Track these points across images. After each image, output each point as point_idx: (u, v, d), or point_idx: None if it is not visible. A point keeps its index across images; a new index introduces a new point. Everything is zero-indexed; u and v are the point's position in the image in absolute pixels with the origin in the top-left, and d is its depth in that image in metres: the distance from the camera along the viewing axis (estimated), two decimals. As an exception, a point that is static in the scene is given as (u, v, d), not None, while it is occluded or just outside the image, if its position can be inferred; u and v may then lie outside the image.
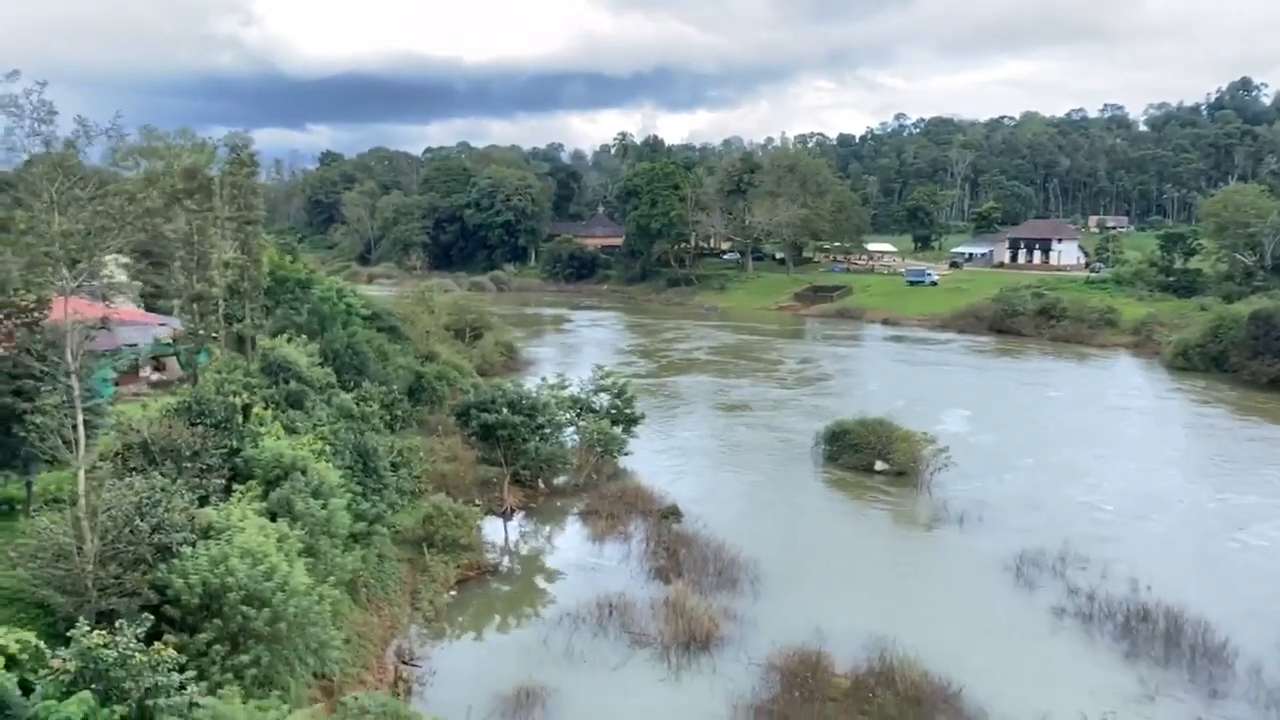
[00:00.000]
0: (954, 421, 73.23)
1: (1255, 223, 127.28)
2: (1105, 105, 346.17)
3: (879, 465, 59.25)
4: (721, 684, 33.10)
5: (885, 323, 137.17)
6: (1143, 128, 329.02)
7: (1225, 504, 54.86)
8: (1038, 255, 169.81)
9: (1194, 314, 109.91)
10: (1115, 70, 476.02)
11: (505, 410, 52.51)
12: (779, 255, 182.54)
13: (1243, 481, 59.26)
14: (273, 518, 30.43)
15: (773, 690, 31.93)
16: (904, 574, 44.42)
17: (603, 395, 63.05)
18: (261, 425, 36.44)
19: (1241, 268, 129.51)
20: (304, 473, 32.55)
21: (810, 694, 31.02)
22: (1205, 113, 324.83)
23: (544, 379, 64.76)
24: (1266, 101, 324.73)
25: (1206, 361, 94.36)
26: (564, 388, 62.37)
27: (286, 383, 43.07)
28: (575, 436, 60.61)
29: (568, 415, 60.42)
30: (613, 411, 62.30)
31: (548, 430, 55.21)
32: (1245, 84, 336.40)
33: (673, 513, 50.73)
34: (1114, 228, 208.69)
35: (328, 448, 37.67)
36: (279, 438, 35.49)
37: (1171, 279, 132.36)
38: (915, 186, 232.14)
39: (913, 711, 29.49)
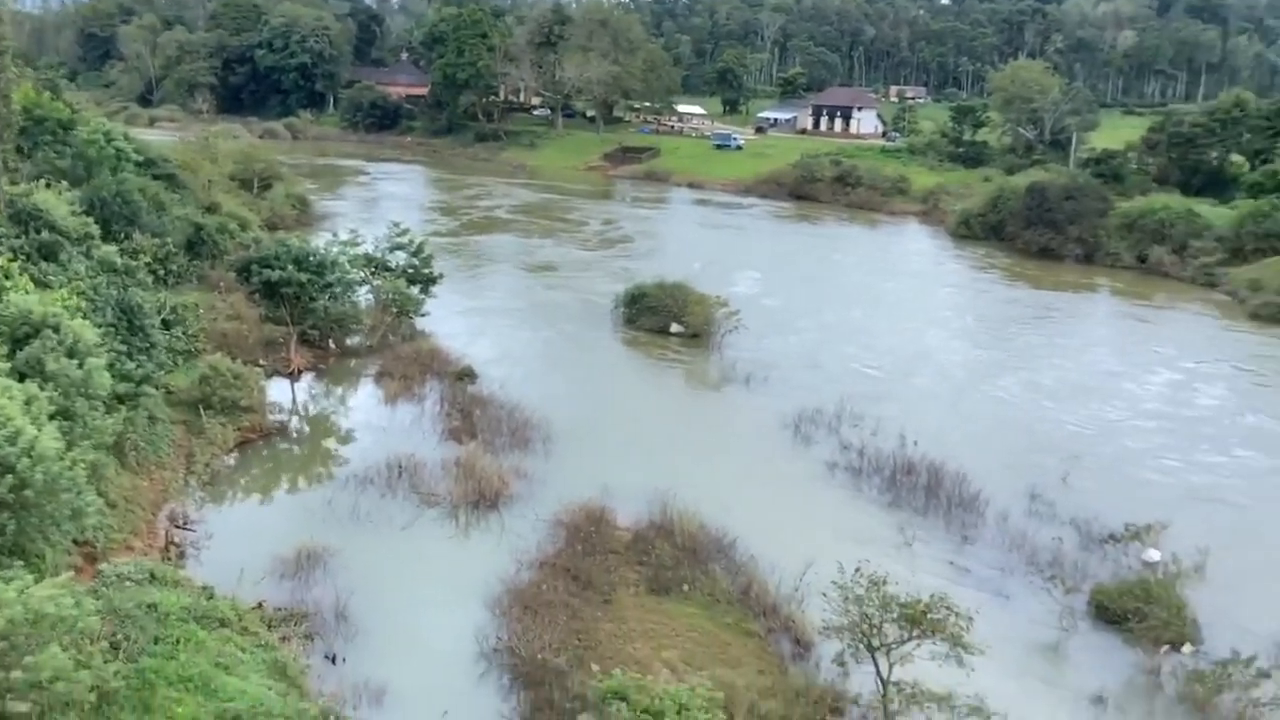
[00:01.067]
0: (748, 284, 75.15)
1: (1038, 98, 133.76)
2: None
3: (674, 327, 60.36)
4: (509, 540, 33.54)
5: (691, 186, 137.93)
6: (945, 0, 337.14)
7: (985, 360, 58.93)
8: (839, 123, 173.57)
9: (978, 185, 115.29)
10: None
11: (290, 267, 50.09)
12: (589, 114, 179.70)
13: (1002, 340, 63.65)
14: (21, 378, 28.15)
15: (558, 545, 32.57)
16: (691, 432, 45.77)
17: (399, 254, 61.16)
18: (7, 279, 33.42)
19: (1023, 141, 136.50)
20: (56, 330, 30.11)
21: (593, 547, 31.82)
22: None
23: (335, 235, 62.18)
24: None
25: (986, 230, 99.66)
26: (357, 245, 60.08)
27: (38, 232, 39.53)
28: (369, 296, 58.86)
29: (361, 274, 58.37)
30: (409, 270, 60.63)
31: (338, 289, 53.16)
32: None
33: (468, 374, 50.35)
34: (912, 98, 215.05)
35: (85, 304, 35.00)
36: (28, 292, 32.67)
37: (961, 150, 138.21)
38: (726, 48, 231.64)
39: (688, 561, 30.70)
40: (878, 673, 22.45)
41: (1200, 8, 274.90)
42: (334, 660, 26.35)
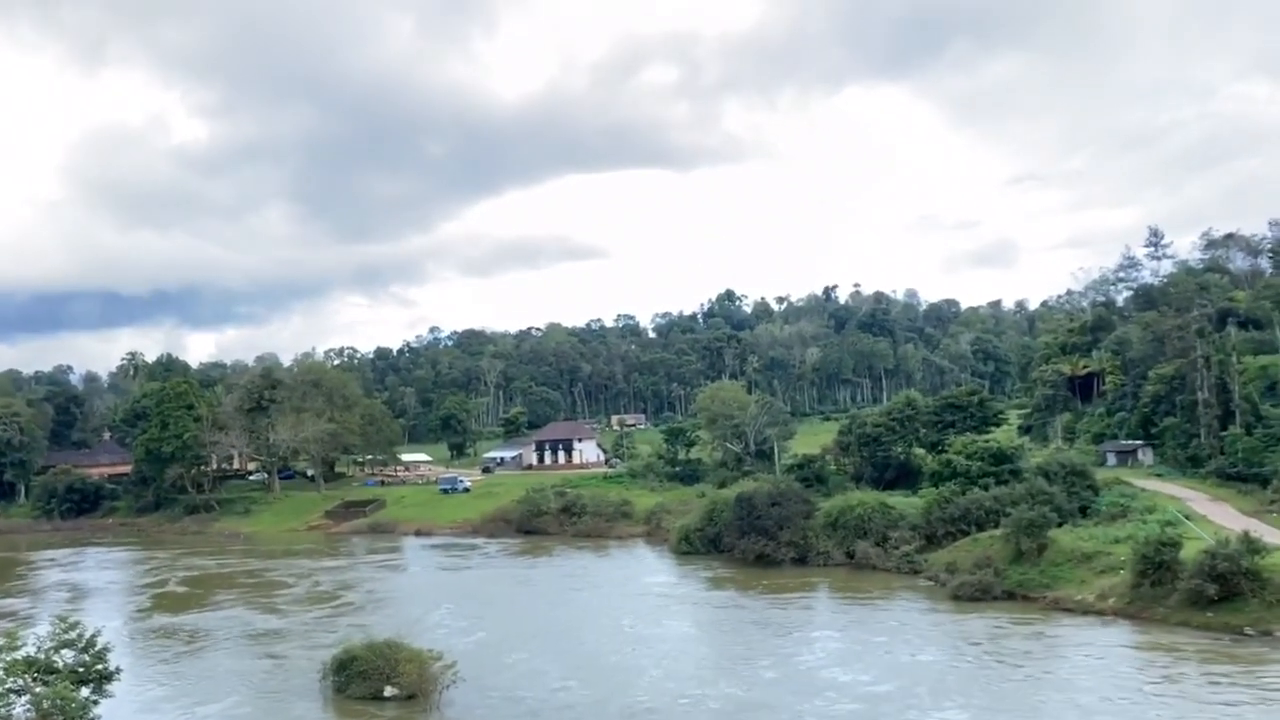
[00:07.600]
0: (472, 628, 72.22)
1: (738, 414, 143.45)
2: (619, 315, 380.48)
3: (388, 690, 56.12)
4: None
5: (418, 533, 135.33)
6: (651, 334, 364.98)
7: (738, 693, 57.90)
8: (562, 455, 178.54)
9: (695, 500, 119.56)
10: (625, 284, 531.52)
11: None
12: (310, 472, 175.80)
13: (732, 654, 63.38)
14: None
15: None
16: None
17: (65, 651, 54.50)
18: None
19: (732, 455, 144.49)
20: None
21: None
22: (700, 320, 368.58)
23: (-11, 641, 54.89)
24: (747, 310, 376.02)
25: (705, 543, 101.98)
26: (16, 648, 53.15)
27: None
28: (28, 709, 51.45)
29: (20, 681, 51.24)
30: (79, 670, 53.90)
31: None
32: (730, 295, 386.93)
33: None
34: (633, 424, 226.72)
35: None
36: None
37: (677, 469, 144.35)
38: (448, 396, 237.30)
39: None
40: None
41: (869, 323, 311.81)
42: None
